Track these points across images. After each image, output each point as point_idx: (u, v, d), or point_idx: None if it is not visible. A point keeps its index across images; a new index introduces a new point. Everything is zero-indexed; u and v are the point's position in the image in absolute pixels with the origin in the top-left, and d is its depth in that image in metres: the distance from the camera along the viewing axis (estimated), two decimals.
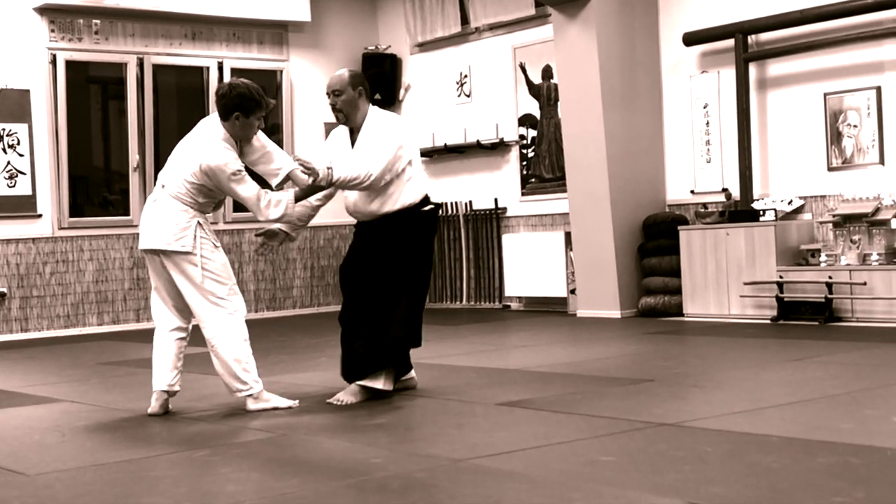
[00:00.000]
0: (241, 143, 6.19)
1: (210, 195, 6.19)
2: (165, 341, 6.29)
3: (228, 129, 6.13)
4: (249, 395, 6.15)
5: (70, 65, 12.23)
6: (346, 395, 6.34)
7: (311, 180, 6.07)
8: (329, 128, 13.93)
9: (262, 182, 6.30)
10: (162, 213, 6.13)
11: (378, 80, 13.94)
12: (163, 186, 6.19)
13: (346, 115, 6.35)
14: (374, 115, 6.37)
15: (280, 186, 6.28)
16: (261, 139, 6.26)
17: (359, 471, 4.53)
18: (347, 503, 4.07)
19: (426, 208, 6.43)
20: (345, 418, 5.84)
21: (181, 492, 4.28)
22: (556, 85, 11.76)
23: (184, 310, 6.29)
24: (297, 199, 6.24)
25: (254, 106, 6.10)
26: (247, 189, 6.12)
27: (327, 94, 6.38)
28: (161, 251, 6.15)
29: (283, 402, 6.20)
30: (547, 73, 12.15)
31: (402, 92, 14.11)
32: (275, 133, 13.67)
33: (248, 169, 6.23)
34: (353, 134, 6.39)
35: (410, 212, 6.35)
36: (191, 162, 6.10)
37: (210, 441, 5.31)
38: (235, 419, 5.96)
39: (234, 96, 6.07)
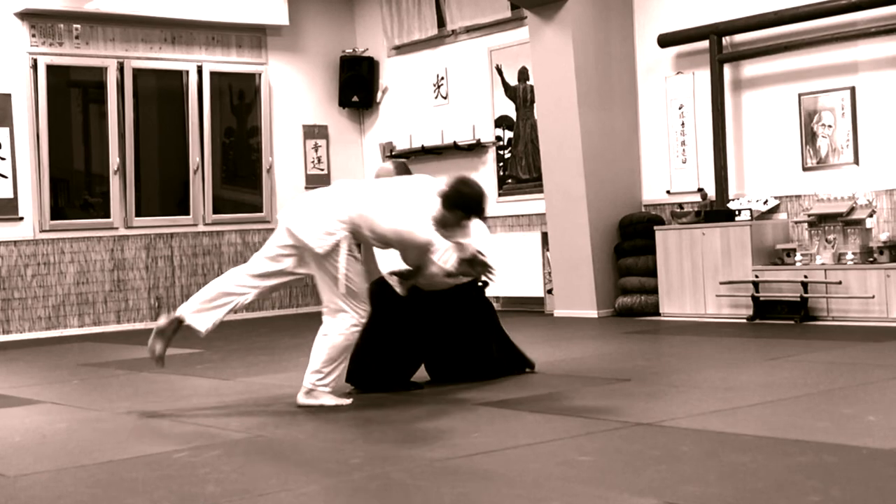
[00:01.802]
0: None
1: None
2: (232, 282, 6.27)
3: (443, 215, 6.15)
4: (307, 389, 6.14)
5: (51, 69, 12.20)
6: None
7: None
8: (307, 130, 13.97)
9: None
10: (318, 211, 6.11)
11: (355, 83, 14.01)
12: (331, 191, 6.23)
13: None
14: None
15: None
16: None
17: (337, 471, 4.51)
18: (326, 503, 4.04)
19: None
20: (324, 419, 5.82)
21: (160, 493, 4.25)
22: (532, 86, 11.76)
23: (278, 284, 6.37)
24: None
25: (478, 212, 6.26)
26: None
27: None
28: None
29: (332, 401, 6.11)
30: (523, 74, 12.15)
31: (379, 94, 14.11)
32: (254, 136, 13.66)
33: None
34: None
35: None
36: (382, 211, 6.04)
37: (189, 442, 5.28)
38: (214, 419, 5.94)
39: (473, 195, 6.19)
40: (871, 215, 9.24)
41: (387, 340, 6.59)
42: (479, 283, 6.84)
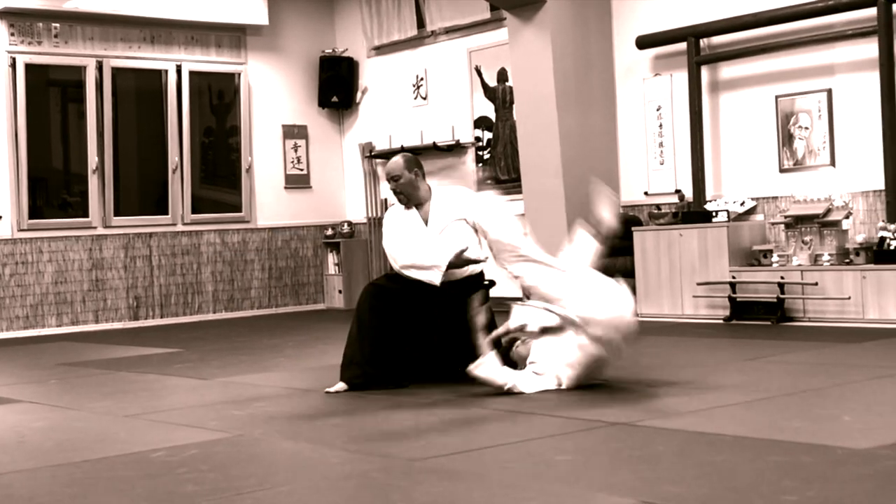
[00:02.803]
0: None
1: None
2: None
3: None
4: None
5: (30, 68, 12.18)
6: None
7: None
8: (287, 130, 13.96)
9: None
10: None
11: (335, 84, 13.99)
12: None
13: (408, 196, 6.80)
14: (442, 191, 6.93)
15: None
16: None
17: (315, 471, 4.52)
18: (302, 503, 4.05)
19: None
20: (302, 419, 5.83)
21: (138, 492, 4.24)
22: (511, 87, 11.77)
23: None
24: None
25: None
26: None
27: (387, 180, 6.87)
28: None
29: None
30: (502, 75, 12.16)
31: (359, 94, 14.11)
32: (233, 135, 13.65)
33: None
34: (421, 210, 6.81)
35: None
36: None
37: (167, 441, 5.28)
38: (192, 419, 5.93)
39: None
40: (847, 217, 9.27)
41: (389, 338, 6.58)
42: (486, 282, 6.88)
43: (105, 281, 12.60)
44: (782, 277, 9.40)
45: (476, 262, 6.61)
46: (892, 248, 8.87)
